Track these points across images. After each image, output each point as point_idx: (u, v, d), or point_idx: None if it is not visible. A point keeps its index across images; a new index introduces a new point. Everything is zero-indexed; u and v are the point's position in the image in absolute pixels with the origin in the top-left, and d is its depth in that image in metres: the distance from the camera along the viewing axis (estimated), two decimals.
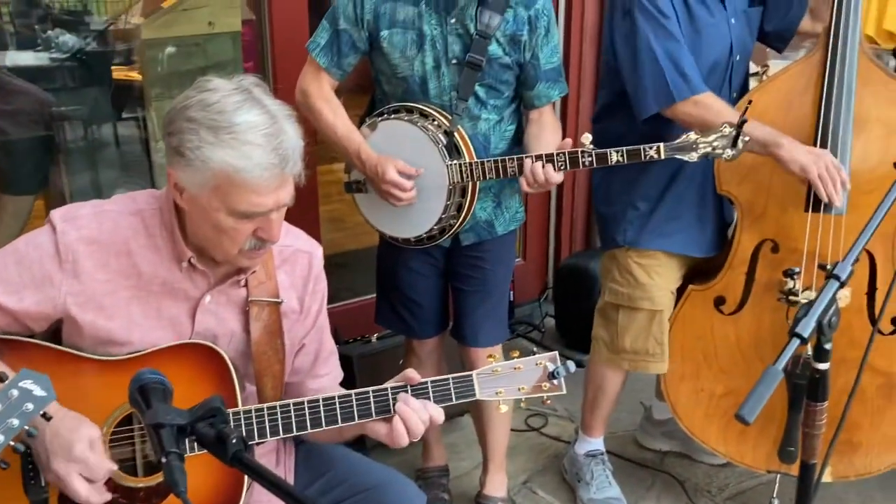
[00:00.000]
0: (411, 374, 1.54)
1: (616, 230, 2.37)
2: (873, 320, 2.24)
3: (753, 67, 3.43)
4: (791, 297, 2.17)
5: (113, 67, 3.25)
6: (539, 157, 1.98)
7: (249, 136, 1.35)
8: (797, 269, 2.13)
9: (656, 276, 2.35)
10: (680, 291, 2.41)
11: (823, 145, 2.12)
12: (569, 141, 2.00)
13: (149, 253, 1.50)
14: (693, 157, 1.92)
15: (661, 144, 1.92)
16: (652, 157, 1.93)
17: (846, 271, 1.22)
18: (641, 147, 1.93)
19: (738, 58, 2.25)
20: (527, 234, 3.77)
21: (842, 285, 1.22)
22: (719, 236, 2.42)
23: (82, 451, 1.35)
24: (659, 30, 2.10)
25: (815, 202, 2.12)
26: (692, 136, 1.92)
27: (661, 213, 2.31)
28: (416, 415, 1.48)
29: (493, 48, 2.04)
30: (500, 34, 2.04)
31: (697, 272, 2.43)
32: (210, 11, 3.02)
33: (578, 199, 3.76)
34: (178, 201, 1.46)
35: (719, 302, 2.35)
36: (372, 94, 2.26)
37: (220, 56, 3.08)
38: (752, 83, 3.27)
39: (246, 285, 1.57)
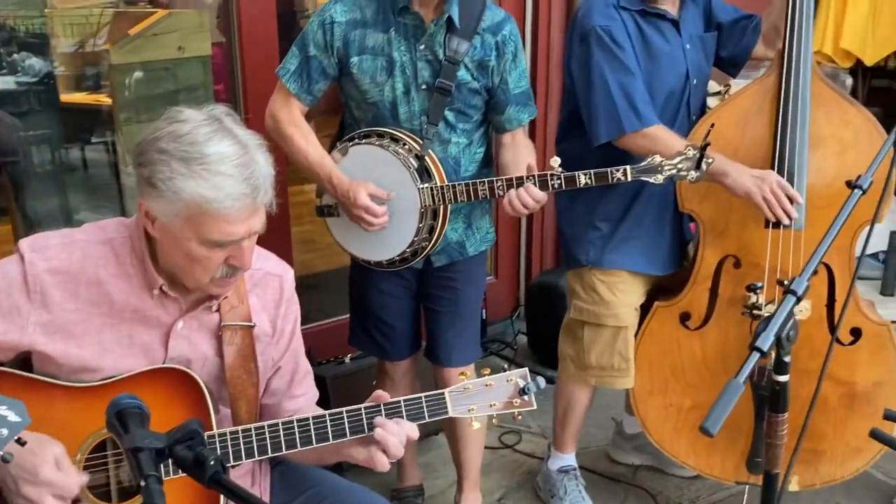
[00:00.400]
0: (382, 394, 1.56)
1: (579, 250, 2.42)
2: (833, 331, 2.30)
3: (716, 87, 3.53)
4: (755, 312, 2.23)
5: (82, 92, 3.25)
6: (510, 181, 2.01)
7: (221, 167, 1.37)
8: (760, 284, 2.19)
9: (620, 293, 2.40)
10: (646, 308, 2.46)
11: (781, 163, 2.19)
12: (532, 164, 2.04)
13: (119, 281, 1.51)
14: (658, 178, 1.97)
15: (628, 167, 1.97)
16: (619, 179, 1.98)
17: (802, 286, 1.27)
18: (609, 170, 1.97)
19: (694, 82, 2.32)
20: (498, 253, 3.81)
21: (799, 300, 1.26)
22: (678, 254, 2.49)
23: (48, 473, 1.35)
24: (613, 61, 2.16)
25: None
26: (657, 158, 1.97)
27: (621, 234, 2.37)
28: (394, 436, 1.50)
29: (462, 73, 2.08)
30: (468, 60, 2.08)
31: (663, 288, 2.48)
32: (180, 36, 3.04)
33: (548, 217, 3.80)
34: (149, 230, 1.47)
35: (685, 317, 2.40)
36: (342, 117, 2.28)
37: (191, 80, 3.09)
38: (715, 101, 3.36)
39: (218, 310, 1.58)
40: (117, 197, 3.34)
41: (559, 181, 1.98)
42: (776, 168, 2.19)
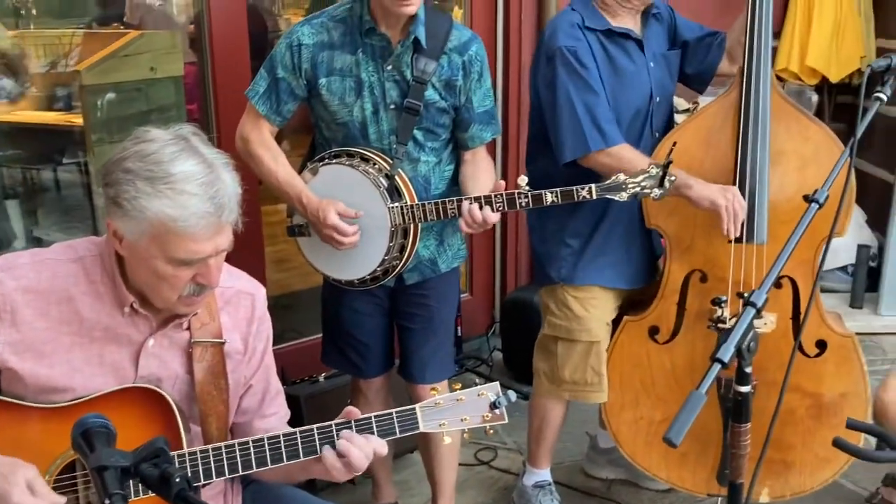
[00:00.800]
0: (353, 410, 1.57)
1: (551, 268, 2.44)
2: (800, 344, 2.34)
3: (684, 104, 3.59)
4: (720, 325, 2.26)
5: (53, 112, 3.25)
6: (477, 199, 2.04)
7: (186, 186, 1.38)
8: (724, 298, 2.23)
9: (592, 308, 2.42)
10: (616, 322, 2.48)
11: (742, 178, 2.23)
12: (502, 183, 2.07)
13: (90, 299, 1.51)
14: (623, 196, 2.00)
15: (593, 185, 2.00)
16: (585, 197, 2.00)
17: (761, 298, 1.30)
18: (574, 188, 2.00)
19: (658, 100, 2.36)
20: (473, 269, 3.83)
21: (758, 312, 1.29)
22: (648, 268, 2.52)
23: (20, 498, 1.33)
24: (578, 81, 2.20)
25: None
26: (621, 176, 2.00)
27: (591, 250, 2.40)
28: (359, 450, 1.50)
29: (430, 93, 2.10)
30: (435, 79, 2.10)
31: (632, 303, 2.51)
32: (151, 57, 3.04)
33: (522, 233, 3.83)
34: (117, 248, 1.48)
35: (653, 331, 2.42)
36: (312, 137, 2.30)
37: (163, 101, 3.10)
38: (684, 119, 3.41)
39: (189, 327, 1.58)
40: (90, 218, 3.33)
41: (526, 199, 2.01)
42: (737, 183, 2.23)
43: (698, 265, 2.35)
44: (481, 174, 2.19)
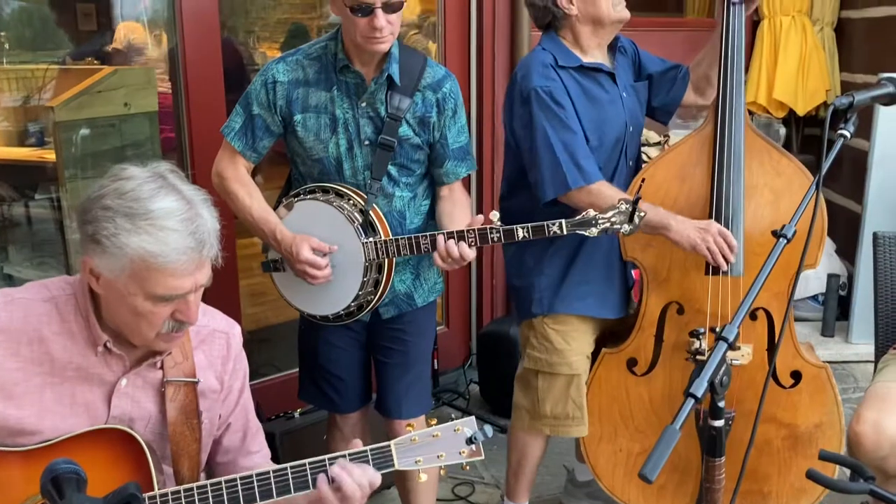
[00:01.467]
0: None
1: (531, 301, 2.44)
2: (775, 375, 2.36)
3: (655, 137, 3.64)
4: (698, 357, 2.28)
5: (26, 148, 3.22)
6: (451, 235, 2.05)
7: (166, 222, 1.39)
8: (702, 330, 2.24)
9: (572, 341, 2.43)
10: (594, 355, 2.49)
11: (718, 212, 2.26)
12: (480, 217, 2.08)
13: (62, 339, 1.50)
14: (593, 232, 2.02)
15: (563, 221, 2.02)
16: (556, 232, 2.02)
17: (733, 333, 1.31)
18: (545, 223, 2.02)
19: (631, 129, 2.40)
20: (449, 302, 3.83)
21: (730, 346, 1.30)
22: (626, 299, 2.54)
23: None
24: (555, 120, 2.23)
25: (713, 267, 2.25)
26: (591, 212, 2.02)
27: (570, 280, 2.41)
28: (351, 479, 1.48)
29: (404, 129, 2.12)
30: (409, 116, 2.12)
31: (610, 335, 2.52)
32: (126, 92, 3.04)
33: (498, 265, 3.84)
34: (93, 286, 1.47)
35: (631, 363, 2.43)
36: (289, 172, 2.31)
37: (137, 136, 3.09)
38: (655, 151, 3.46)
39: (162, 367, 1.57)
40: (62, 253, 3.30)
41: (498, 234, 2.02)
42: (714, 217, 2.26)
43: (675, 297, 2.36)
44: (457, 210, 2.20)
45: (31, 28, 3.14)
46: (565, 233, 2.02)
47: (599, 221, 2.01)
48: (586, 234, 2.02)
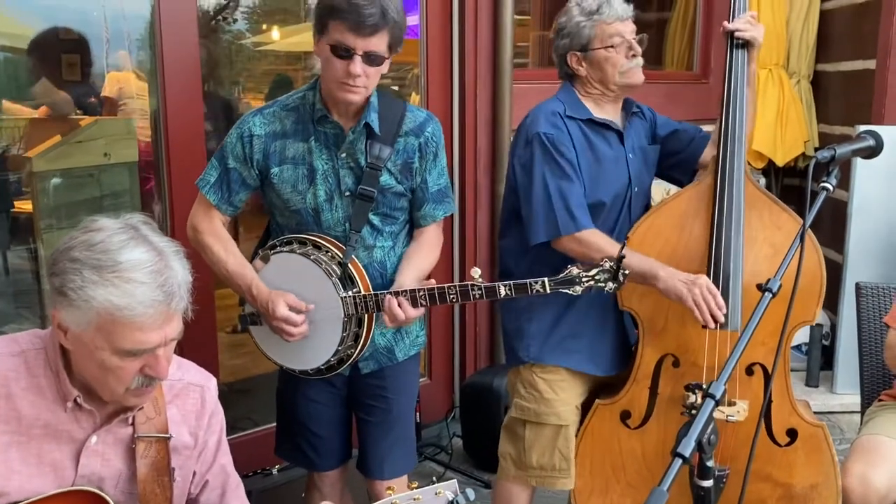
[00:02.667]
0: None
1: (520, 346, 2.42)
2: (771, 432, 2.32)
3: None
4: (693, 412, 2.23)
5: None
6: (431, 291, 2.00)
7: (134, 274, 1.36)
8: (698, 384, 2.21)
9: (561, 391, 2.39)
10: (588, 405, 2.45)
11: (717, 265, 2.24)
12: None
13: (31, 395, 1.45)
14: (577, 290, 1.99)
15: (546, 280, 1.98)
16: (538, 291, 1.99)
17: (720, 390, 1.29)
18: (528, 282, 1.99)
19: (636, 189, 2.40)
20: (432, 353, 3.78)
21: (717, 403, 1.28)
22: (621, 355, 2.48)
23: None
24: (554, 166, 2.24)
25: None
26: (574, 270, 1.99)
27: (562, 330, 2.38)
28: None
29: (386, 178, 2.10)
30: (391, 164, 2.10)
31: (604, 386, 2.48)
32: (105, 143, 3.02)
33: (481, 315, 3.82)
34: (62, 341, 1.43)
35: (625, 416, 2.39)
36: (268, 222, 2.28)
37: (116, 186, 3.07)
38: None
39: (133, 422, 1.52)
40: (38, 305, 3.24)
41: (480, 292, 1.99)
42: (712, 269, 2.24)
43: (671, 349, 2.34)
44: (419, 256, 2.16)
45: (14, 79, 3.13)
46: (548, 291, 1.99)
47: (583, 280, 1.98)
48: (570, 292, 1.99)
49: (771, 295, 1.47)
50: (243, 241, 3.02)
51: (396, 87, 4.08)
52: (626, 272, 2.00)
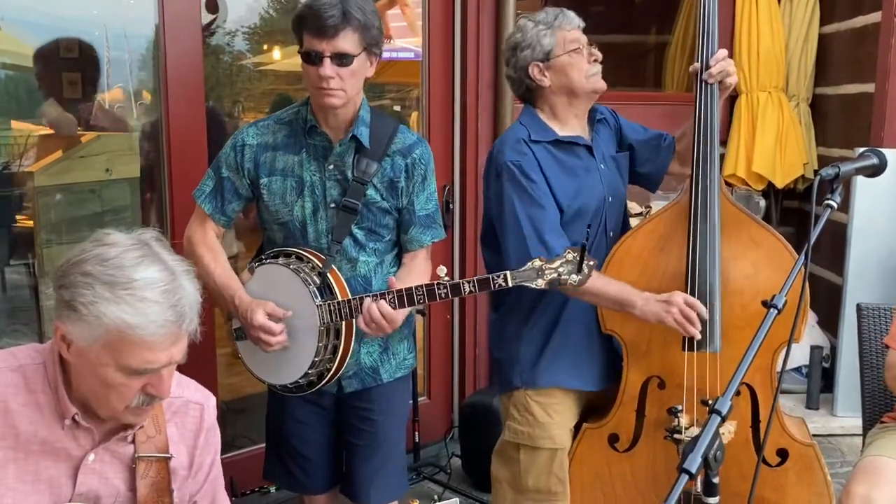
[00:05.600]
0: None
1: (512, 372, 2.40)
2: (759, 452, 2.29)
3: (637, 208, 3.66)
4: (675, 436, 2.23)
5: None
6: (399, 294, 2.00)
7: (147, 293, 1.35)
8: (679, 407, 2.20)
9: (555, 414, 2.38)
10: (577, 428, 2.43)
11: (693, 284, 2.23)
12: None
13: (28, 411, 1.44)
14: (540, 283, 1.97)
15: (508, 273, 1.97)
16: (501, 284, 1.98)
17: (726, 405, 1.28)
18: (490, 276, 1.98)
19: (610, 199, 2.39)
20: (431, 372, 3.77)
21: (723, 419, 1.27)
22: (609, 369, 2.46)
23: None
24: (524, 195, 2.23)
25: (689, 342, 2.22)
26: (537, 262, 1.98)
27: (551, 350, 2.37)
28: None
29: (371, 193, 2.12)
30: (377, 180, 2.12)
31: (592, 409, 2.47)
32: (107, 158, 3.03)
33: (480, 335, 3.81)
34: (63, 354, 1.42)
35: (613, 439, 2.37)
36: (262, 239, 2.30)
37: (117, 202, 3.07)
38: (636, 223, 3.47)
39: (133, 441, 1.51)
40: (35, 321, 3.23)
41: (445, 290, 1.99)
42: (689, 289, 2.23)
43: (656, 371, 2.32)
44: (408, 277, 2.16)
45: (16, 97, 3.15)
46: (510, 285, 1.98)
47: (546, 272, 1.96)
48: (533, 286, 1.97)
49: (776, 311, 1.46)
50: (243, 259, 3.03)
51: (398, 108, 4.10)
52: (591, 263, 1.97)
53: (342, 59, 1.98)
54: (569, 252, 1.97)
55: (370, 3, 2.03)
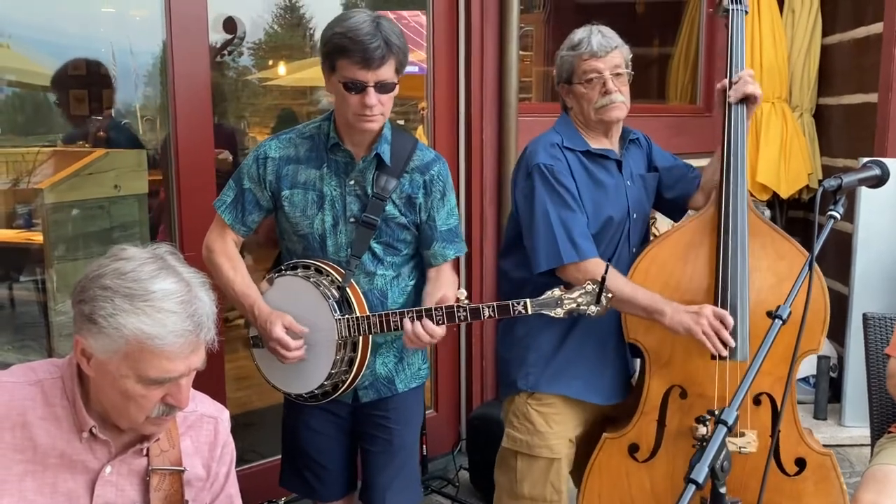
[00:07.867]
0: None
1: (517, 374, 2.41)
2: (780, 462, 2.31)
3: None
4: (705, 444, 2.22)
5: (13, 230, 3.21)
6: (416, 314, 2.03)
7: (165, 304, 1.38)
8: (708, 416, 2.20)
9: (555, 424, 2.39)
10: (589, 438, 2.43)
11: (724, 295, 2.24)
12: (447, 296, 2.08)
13: (47, 424, 1.46)
14: (559, 312, 1.99)
15: (528, 301, 2.00)
16: (520, 312, 2.00)
17: (732, 416, 1.29)
18: (510, 303, 2.01)
19: (635, 216, 2.42)
20: (438, 385, 3.77)
21: (730, 429, 1.28)
22: (620, 384, 2.48)
23: None
24: (555, 197, 2.26)
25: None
26: (556, 292, 2.00)
27: (561, 358, 2.38)
28: None
29: (390, 209, 2.14)
30: (396, 196, 2.14)
31: (608, 419, 2.47)
32: (116, 175, 3.06)
33: (488, 347, 3.81)
34: (83, 368, 1.44)
35: (633, 449, 2.38)
36: (279, 251, 2.31)
37: (126, 218, 3.09)
38: None
39: (147, 454, 1.53)
40: (45, 336, 3.25)
41: (465, 313, 2.01)
42: (719, 300, 2.24)
43: (678, 381, 2.33)
44: (438, 292, 2.18)
45: (23, 113, 3.18)
46: (530, 312, 2.00)
47: (565, 302, 1.99)
48: (552, 314, 1.99)
49: (781, 322, 1.48)
50: (252, 273, 3.04)
51: (402, 122, 4.13)
52: (609, 295, 1.99)
53: (385, 86, 2.01)
54: (588, 283, 2.00)
55: (397, 25, 2.05)
